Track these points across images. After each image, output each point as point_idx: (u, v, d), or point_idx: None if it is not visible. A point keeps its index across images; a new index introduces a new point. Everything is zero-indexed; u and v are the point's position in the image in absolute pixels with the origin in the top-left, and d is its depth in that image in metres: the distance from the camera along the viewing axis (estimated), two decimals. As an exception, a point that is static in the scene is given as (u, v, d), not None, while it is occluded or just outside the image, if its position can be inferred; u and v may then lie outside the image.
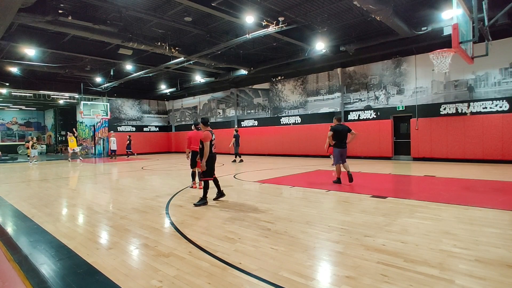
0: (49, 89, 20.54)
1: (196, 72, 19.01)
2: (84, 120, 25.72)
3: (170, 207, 5.73)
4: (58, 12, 9.49)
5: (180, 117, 26.78)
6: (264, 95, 19.90)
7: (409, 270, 2.86)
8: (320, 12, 10.79)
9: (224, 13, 9.83)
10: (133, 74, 17.93)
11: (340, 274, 2.84)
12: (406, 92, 13.94)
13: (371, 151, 14.73)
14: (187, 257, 3.33)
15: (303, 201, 6.03)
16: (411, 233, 3.89)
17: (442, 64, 7.67)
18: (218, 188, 6.23)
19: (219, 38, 12.93)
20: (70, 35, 12.43)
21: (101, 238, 4.14)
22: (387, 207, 5.32)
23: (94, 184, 9.31)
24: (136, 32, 11.97)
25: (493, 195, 6.09)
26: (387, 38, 12.05)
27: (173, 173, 11.17)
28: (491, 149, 11.67)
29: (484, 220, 4.37)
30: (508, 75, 11.47)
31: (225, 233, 4.09)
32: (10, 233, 4.43)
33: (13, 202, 6.52)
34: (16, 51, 13.82)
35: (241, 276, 2.84)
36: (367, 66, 15.13)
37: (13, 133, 30.98)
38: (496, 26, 9.51)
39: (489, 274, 2.75)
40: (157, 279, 2.83)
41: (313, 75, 17.20)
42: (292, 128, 17.95)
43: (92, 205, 6.13)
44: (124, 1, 9.82)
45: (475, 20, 6.44)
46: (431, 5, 10.26)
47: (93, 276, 2.94)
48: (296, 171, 10.86)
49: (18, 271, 3.10)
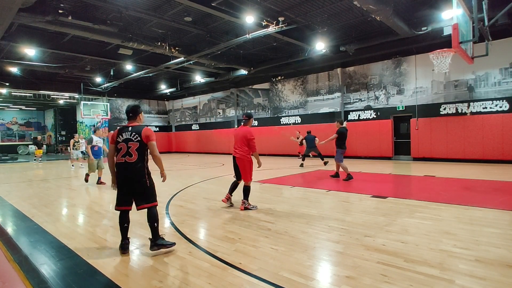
0: (49, 89, 20.53)
1: (196, 72, 19.01)
2: (84, 120, 25.71)
3: (170, 207, 5.72)
4: (58, 12, 9.48)
5: (180, 117, 26.78)
6: (264, 95, 19.89)
7: (409, 270, 2.87)
8: (320, 12, 10.79)
9: (224, 13, 9.82)
10: (133, 74, 17.92)
11: (340, 274, 2.84)
12: (406, 92, 13.94)
13: (371, 151, 14.73)
14: (187, 257, 3.33)
15: (303, 201, 6.03)
16: (411, 233, 3.89)
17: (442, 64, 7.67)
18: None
19: (219, 38, 12.92)
20: (70, 35, 12.42)
21: (101, 238, 4.14)
22: (387, 207, 5.32)
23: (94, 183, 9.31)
24: (136, 32, 11.96)
25: (493, 195, 6.08)
26: (387, 38, 12.04)
27: (173, 173, 11.17)
28: (491, 149, 11.66)
29: (484, 220, 4.37)
30: (508, 75, 11.47)
31: (225, 233, 4.09)
32: (10, 233, 4.43)
33: (13, 202, 6.52)
34: (16, 51, 13.82)
35: (241, 276, 2.84)
36: (367, 66, 15.13)
37: (13, 133, 30.98)
38: (496, 26, 9.49)
39: (489, 274, 2.75)
40: (157, 279, 2.83)
41: (313, 75, 17.20)
42: (292, 128, 17.94)
43: (92, 205, 6.13)
44: (124, 1, 9.81)
45: (475, 20, 6.43)
46: (431, 5, 10.25)
47: (93, 276, 2.94)
48: (296, 171, 10.86)
49: (18, 271, 3.10)
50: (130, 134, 3.41)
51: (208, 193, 7.05)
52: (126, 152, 3.39)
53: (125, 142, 3.40)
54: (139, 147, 3.39)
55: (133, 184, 3.43)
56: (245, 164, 5.31)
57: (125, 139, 3.41)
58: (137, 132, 3.42)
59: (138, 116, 3.61)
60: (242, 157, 5.27)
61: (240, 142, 5.30)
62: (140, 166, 3.42)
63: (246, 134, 5.26)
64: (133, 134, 3.41)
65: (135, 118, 3.59)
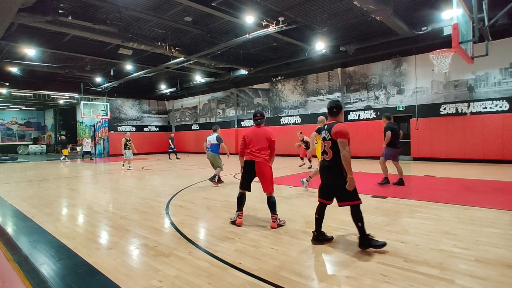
0: (49, 89, 20.53)
1: (196, 72, 19.01)
2: (84, 120, 25.73)
3: (170, 207, 5.72)
4: (58, 12, 9.48)
5: (180, 117, 26.77)
6: (264, 95, 19.89)
7: (409, 270, 2.86)
8: (320, 12, 10.79)
9: (224, 13, 9.82)
10: (133, 74, 17.92)
11: (340, 274, 2.84)
12: (406, 92, 13.94)
13: (371, 151, 14.73)
14: (187, 257, 3.33)
15: (303, 201, 6.02)
16: (411, 233, 3.89)
17: (442, 64, 7.67)
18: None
19: (219, 38, 12.92)
20: (70, 35, 12.42)
21: (101, 238, 4.14)
22: (387, 207, 5.31)
23: (94, 184, 9.31)
24: (136, 32, 11.96)
25: (493, 195, 6.08)
26: (387, 38, 12.05)
27: (174, 173, 11.17)
28: (491, 149, 11.66)
29: (484, 220, 4.37)
30: (508, 75, 11.46)
31: (225, 233, 4.09)
32: (10, 233, 4.43)
33: (13, 202, 6.52)
34: (16, 51, 13.82)
35: (241, 276, 2.84)
36: (367, 66, 15.13)
37: (13, 133, 30.99)
38: (496, 26, 9.49)
39: (489, 274, 2.75)
40: (157, 279, 2.83)
41: (313, 75, 17.20)
42: (292, 128, 17.94)
43: (92, 205, 6.13)
44: (124, 1, 9.81)
45: (475, 20, 6.43)
46: (431, 5, 10.25)
47: (93, 276, 2.94)
48: (296, 171, 10.86)
49: (18, 271, 3.10)
50: (325, 133, 3.48)
51: (208, 193, 7.05)
52: (323, 151, 3.50)
53: (323, 140, 3.52)
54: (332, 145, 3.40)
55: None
56: (269, 170, 4.45)
57: (323, 138, 3.52)
58: (329, 130, 3.43)
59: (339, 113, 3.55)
60: (265, 161, 4.43)
61: (261, 144, 4.46)
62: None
63: (270, 135, 4.52)
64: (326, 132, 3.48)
65: (333, 114, 3.54)
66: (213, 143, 8.24)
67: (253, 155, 4.47)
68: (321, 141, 3.54)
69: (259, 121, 4.61)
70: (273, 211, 4.41)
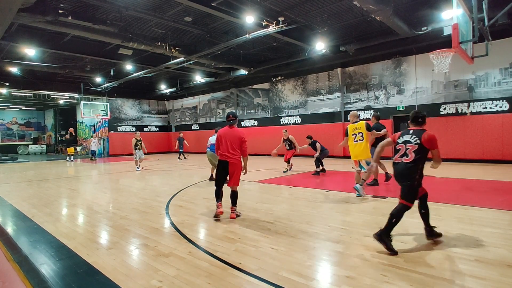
0: (49, 89, 20.52)
1: (196, 72, 19.01)
2: (84, 120, 25.72)
3: (170, 207, 5.72)
4: (58, 12, 9.48)
5: (180, 117, 26.77)
6: (264, 95, 19.89)
7: (409, 270, 2.86)
8: (320, 12, 10.79)
9: (224, 13, 9.82)
10: (133, 74, 17.92)
11: (340, 274, 2.84)
12: (406, 92, 13.93)
13: (371, 151, 14.71)
14: (187, 257, 3.33)
15: (303, 201, 6.02)
16: (411, 233, 3.89)
17: (442, 64, 7.68)
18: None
19: (219, 38, 12.92)
20: (70, 35, 12.42)
21: (101, 238, 4.14)
22: (387, 207, 5.31)
23: (94, 183, 9.31)
24: (136, 32, 11.96)
25: (493, 195, 6.08)
26: (387, 38, 12.04)
27: (174, 173, 11.17)
28: (491, 149, 11.66)
29: (484, 220, 4.37)
30: (508, 75, 11.46)
31: (225, 233, 4.09)
32: (10, 233, 4.43)
33: (13, 202, 6.52)
34: (16, 51, 13.82)
35: (241, 276, 2.84)
36: (367, 66, 15.12)
37: (13, 133, 30.99)
38: (496, 26, 9.48)
39: (489, 274, 2.75)
40: (157, 279, 2.83)
41: (313, 75, 17.19)
42: (292, 129, 17.94)
43: (92, 205, 6.12)
44: (124, 1, 9.81)
45: (475, 20, 6.43)
46: (431, 5, 10.25)
47: (93, 276, 2.94)
48: (296, 171, 10.86)
49: (18, 271, 3.10)
50: (410, 137, 3.59)
51: (208, 193, 7.04)
52: (403, 153, 3.60)
53: (404, 144, 3.62)
54: (417, 149, 3.53)
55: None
56: (239, 168, 4.89)
57: (405, 141, 3.62)
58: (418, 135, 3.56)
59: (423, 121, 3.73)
60: (237, 162, 4.81)
61: (233, 145, 4.80)
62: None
63: (242, 136, 4.84)
64: (413, 137, 3.57)
65: (418, 124, 3.71)
66: (214, 143, 8.25)
67: (226, 156, 4.82)
68: (402, 144, 3.62)
69: (231, 121, 4.93)
70: (234, 203, 4.91)
